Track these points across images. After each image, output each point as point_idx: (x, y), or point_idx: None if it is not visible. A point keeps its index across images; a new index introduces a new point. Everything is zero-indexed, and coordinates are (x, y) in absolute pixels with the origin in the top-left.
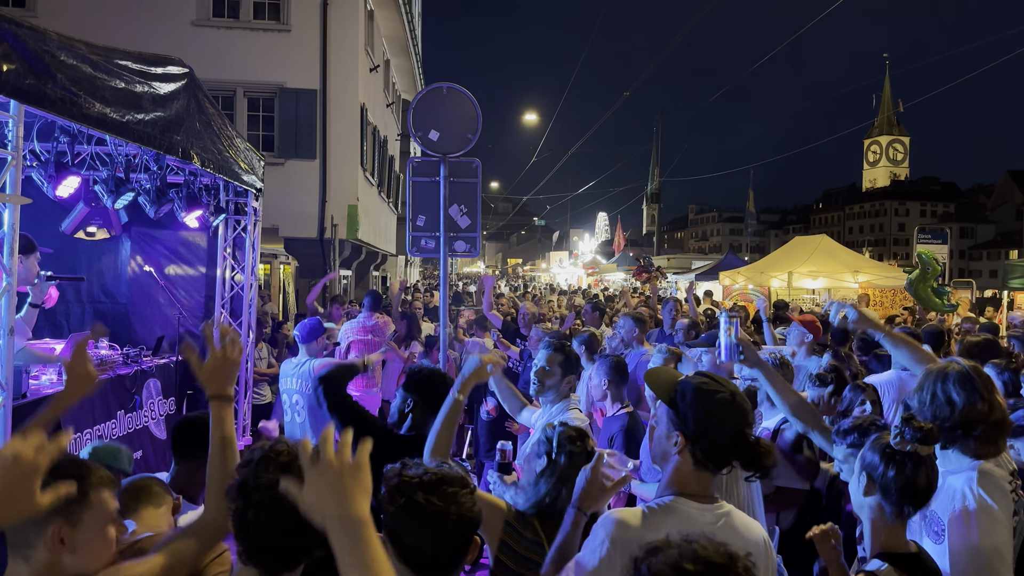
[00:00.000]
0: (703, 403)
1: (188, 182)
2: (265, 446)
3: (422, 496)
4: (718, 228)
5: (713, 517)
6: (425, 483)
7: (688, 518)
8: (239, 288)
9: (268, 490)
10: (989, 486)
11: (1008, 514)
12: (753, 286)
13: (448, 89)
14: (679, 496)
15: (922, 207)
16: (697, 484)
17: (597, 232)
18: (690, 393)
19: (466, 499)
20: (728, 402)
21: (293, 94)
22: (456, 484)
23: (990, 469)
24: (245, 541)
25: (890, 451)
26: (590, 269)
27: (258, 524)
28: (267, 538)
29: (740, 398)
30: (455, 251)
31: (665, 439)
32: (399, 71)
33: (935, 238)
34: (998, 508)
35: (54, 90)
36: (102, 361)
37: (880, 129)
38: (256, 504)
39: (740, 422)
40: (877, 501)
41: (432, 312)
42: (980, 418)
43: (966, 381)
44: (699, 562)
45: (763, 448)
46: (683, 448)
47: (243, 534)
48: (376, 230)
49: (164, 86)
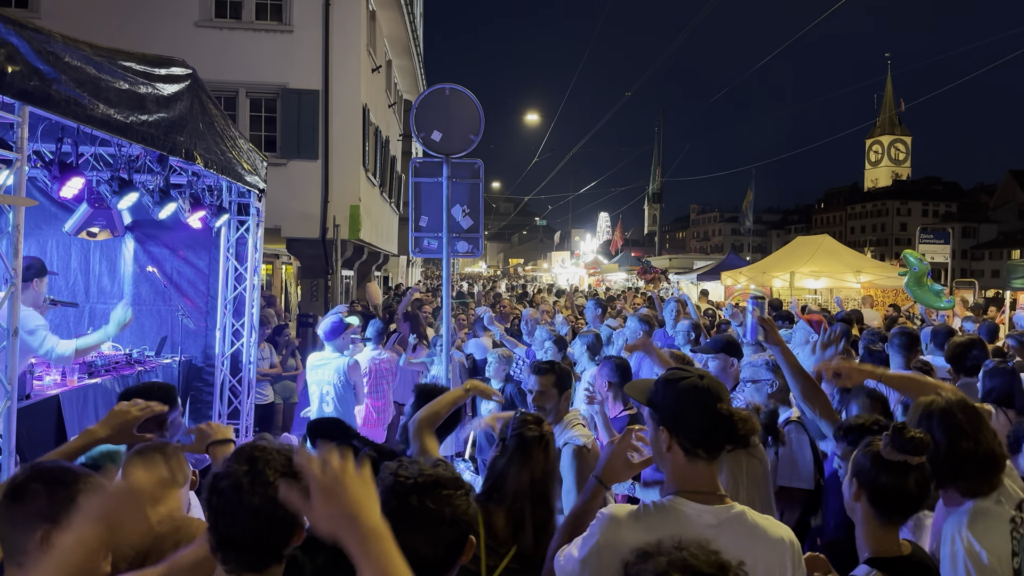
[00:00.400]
0: (672, 391)
1: (191, 183)
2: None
3: (416, 499)
4: (720, 228)
5: (713, 518)
6: (420, 485)
7: (684, 518)
8: (242, 289)
9: (233, 479)
10: (981, 529)
11: (1001, 556)
12: (755, 286)
13: (451, 90)
14: (678, 496)
15: (924, 207)
16: (696, 478)
17: (599, 232)
18: (661, 386)
19: (461, 501)
20: (695, 384)
21: (295, 95)
22: (451, 486)
23: (985, 508)
24: (213, 533)
25: (881, 458)
26: (591, 269)
27: (220, 513)
28: (228, 529)
29: (709, 379)
30: (457, 252)
31: (655, 441)
32: (401, 72)
33: (937, 238)
34: (987, 554)
35: (59, 92)
36: (111, 363)
37: (882, 129)
38: (220, 491)
39: (711, 399)
40: (867, 505)
41: (434, 314)
42: (967, 456)
43: (948, 419)
44: (688, 570)
45: (739, 417)
46: (670, 442)
47: (211, 525)
48: (378, 230)
49: (167, 87)
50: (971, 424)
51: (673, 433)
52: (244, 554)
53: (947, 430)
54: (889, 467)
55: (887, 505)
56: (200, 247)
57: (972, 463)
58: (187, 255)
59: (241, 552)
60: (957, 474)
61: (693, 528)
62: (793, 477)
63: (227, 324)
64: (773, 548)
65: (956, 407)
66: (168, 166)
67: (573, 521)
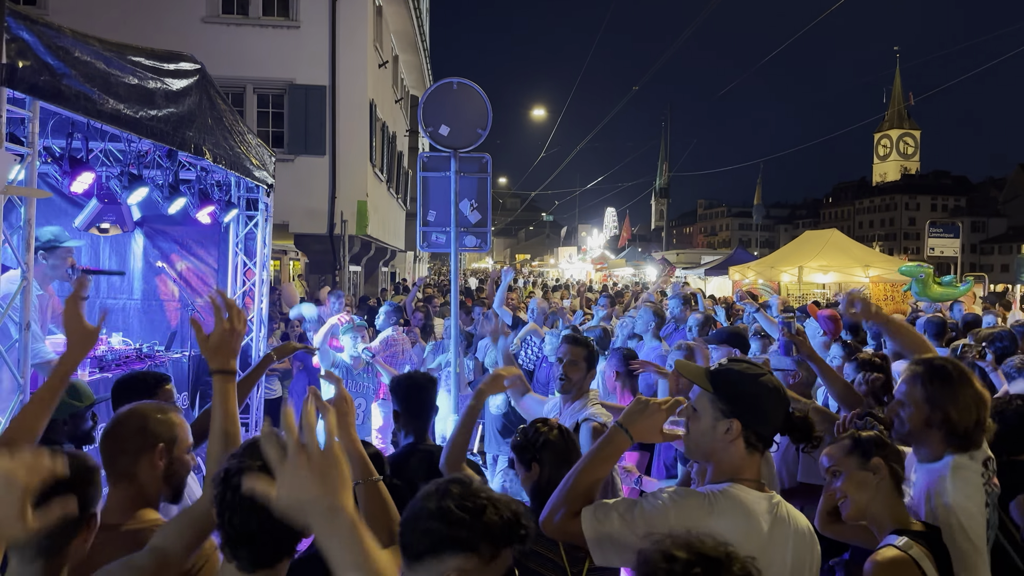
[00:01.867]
0: (752, 386)
1: (200, 178)
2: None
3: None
4: (727, 223)
5: (768, 505)
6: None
7: (748, 505)
8: (251, 284)
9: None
10: (962, 482)
11: (977, 503)
12: (763, 281)
13: (458, 84)
14: (735, 483)
15: (933, 201)
16: (750, 468)
17: (606, 227)
18: (736, 377)
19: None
20: (773, 383)
21: (302, 90)
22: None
23: (963, 463)
24: (224, 529)
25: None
26: (599, 264)
27: (233, 510)
28: (242, 526)
29: (775, 378)
30: (465, 246)
31: (712, 430)
32: (407, 67)
33: (947, 232)
34: (972, 505)
35: (69, 87)
36: (121, 358)
37: (891, 123)
38: (234, 488)
39: (786, 400)
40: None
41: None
42: (957, 414)
43: (948, 378)
44: (692, 551)
45: (813, 421)
46: (737, 434)
47: (222, 521)
48: (385, 226)
49: (176, 82)
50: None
51: (746, 426)
52: (258, 550)
53: (942, 388)
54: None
55: (899, 476)
56: (209, 243)
57: (963, 421)
58: (196, 250)
59: (255, 548)
60: (946, 429)
61: (755, 514)
62: (814, 474)
63: None
64: (804, 537)
65: (951, 366)
66: (177, 161)
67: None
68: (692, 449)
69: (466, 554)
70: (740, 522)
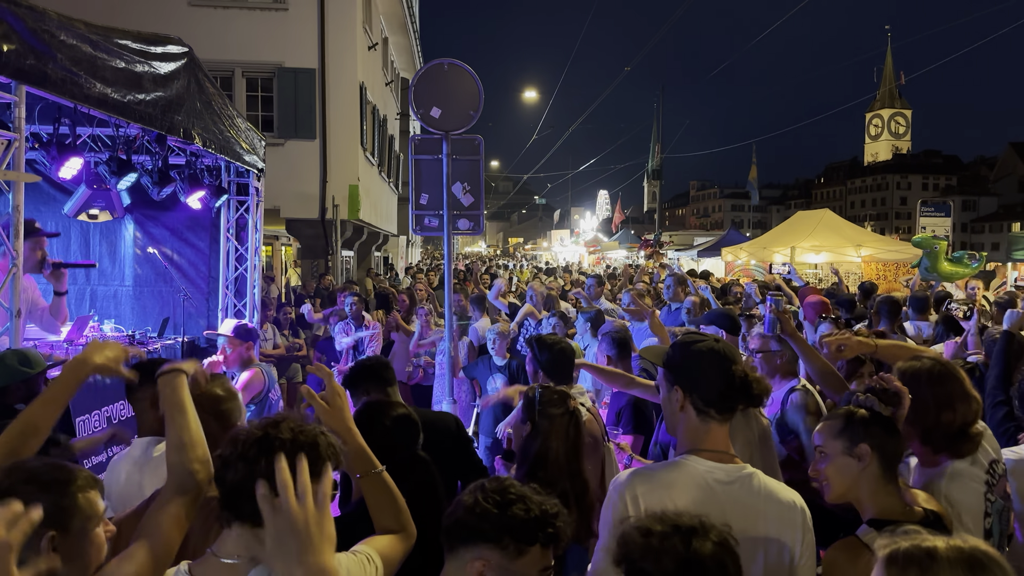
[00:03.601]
0: (689, 352)
1: (190, 163)
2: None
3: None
4: (719, 204)
5: (725, 475)
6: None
7: (695, 473)
8: (243, 269)
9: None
10: (957, 490)
11: (975, 516)
12: (755, 262)
13: (449, 65)
14: (691, 454)
15: (924, 180)
16: (709, 438)
17: (598, 210)
18: (677, 349)
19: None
20: (711, 347)
21: (291, 73)
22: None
23: (961, 470)
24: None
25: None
26: (591, 247)
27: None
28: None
29: (723, 343)
30: (458, 229)
31: (668, 402)
32: (397, 49)
33: (938, 211)
34: (963, 515)
35: (55, 70)
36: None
37: (882, 102)
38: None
39: (726, 360)
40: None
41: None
42: (954, 417)
43: (938, 381)
44: (666, 524)
45: (753, 378)
46: (684, 402)
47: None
48: (377, 210)
49: (164, 66)
50: (959, 387)
51: (687, 392)
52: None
53: (937, 392)
54: (888, 425)
55: (893, 461)
56: (200, 228)
57: (959, 425)
58: (187, 236)
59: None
60: (942, 434)
61: (704, 483)
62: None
63: (229, 305)
64: (784, 510)
65: (942, 369)
66: (166, 146)
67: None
68: (667, 425)
69: (489, 545)
70: (690, 493)
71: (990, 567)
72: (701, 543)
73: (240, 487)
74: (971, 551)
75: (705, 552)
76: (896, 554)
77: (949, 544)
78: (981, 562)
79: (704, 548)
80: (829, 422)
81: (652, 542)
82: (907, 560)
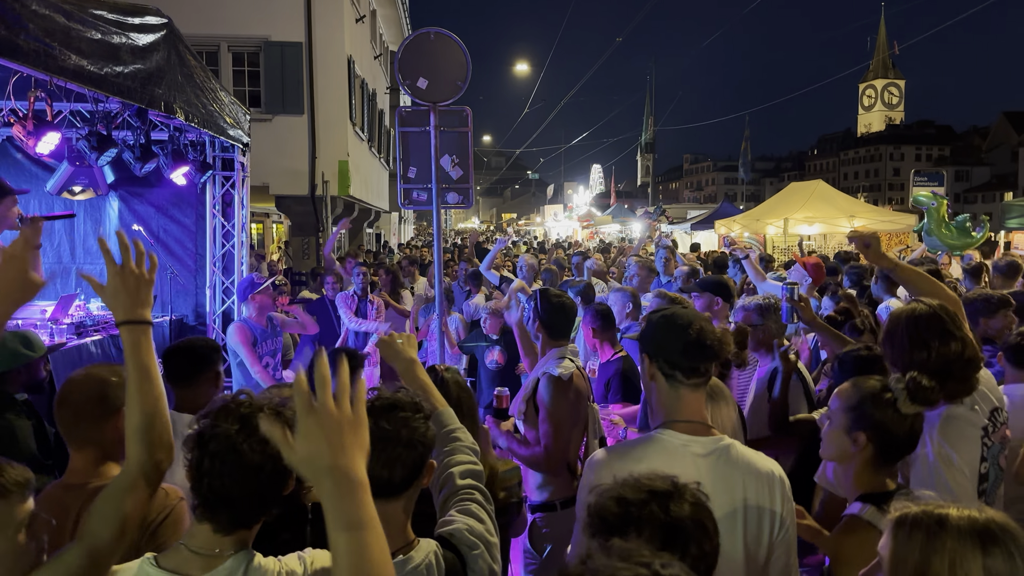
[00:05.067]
0: (651, 321)
1: (173, 138)
2: (227, 396)
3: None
4: (713, 177)
5: (701, 448)
6: (376, 408)
7: (670, 447)
8: (230, 246)
9: (225, 440)
10: (953, 434)
11: (971, 461)
12: (749, 234)
13: (436, 35)
14: (665, 427)
15: (917, 151)
16: (681, 407)
17: (592, 184)
18: (645, 320)
19: (419, 423)
20: (672, 314)
21: (278, 47)
22: (408, 409)
23: (958, 414)
24: (200, 493)
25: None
26: (585, 222)
27: (212, 475)
28: (221, 489)
29: (685, 310)
30: (448, 203)
31: (644, 375)
32: (386, 22)
33: (931, 180)
34: (956, 456)
35: (27, 41)
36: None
37: (875, 72)
38: (212, 454)
39: (683, 323)
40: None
41: (425, 269)
42: (955, 358)
43: (936, 322)
44: (641, 491)
45: (712, 336)
46: (653, 370)
47: (198, 485)
48: (368, 186)
49: (143, 37)
50: (956, 325)
51: (653, 359)
52: (237, 512)
53: (935, 334)
54: (903, 417)
55: (898, 450)
56: (186, 204)
57: (958, 365)
58: (173, 213)
59: (234, 511)
60: (944, 377)
61: (680, 456)
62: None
63: (217, 282)
64: (762, 481)
65: (941, 310)
66: (148, 121)
67: None
68: (648, 400)
69: None
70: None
71: (1003, 540)
72: (679, 506)
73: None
74: (985, 522)
75: (684, 515)
76: (905, 518)
77: (963, 514)
78: (993, 534)
79: (683, 511)
80: (849, 391)
81: (630, 511)
82: (915, 525)
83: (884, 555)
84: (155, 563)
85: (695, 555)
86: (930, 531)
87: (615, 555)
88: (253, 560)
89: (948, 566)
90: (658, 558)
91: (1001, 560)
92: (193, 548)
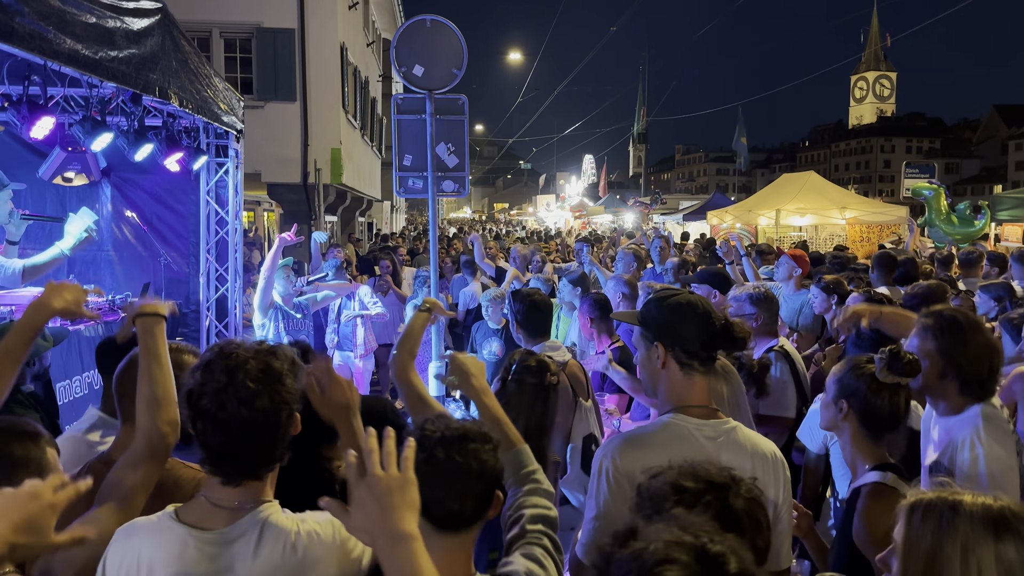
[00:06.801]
0: (665, 306)
1: (167, 124)
2: (216, 347)
3: (443, 452)
4: (705, 168)
5: (713, 432)
6: (447, 439)
7: (687, 433)
8: (224, 233)
9: (214, 396)
10: (996, 431)
11: (1013, 454)
12: (740, 225)
13: (432, 22)
14: (677, 412)
15: (908, 143)
16: (691, 393)
17: (584, 174)
18: (652, 305)
19: (488, 455)
20: (686, 298)
21: (270, 34)
22: (478, 440)
23: (992, 412)
24: (201, 447)
25: (874, 380)
26: (577, 212)
27: (207, 432)
28: (218, 444)
29: (696, 295)
30: (443, 191)
31: (648, 361)
32: (379, 8)
33: (922, 172)
34: (1006, 454)
35: (21, 24)
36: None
37: (867, 65)
38: (202, 410)
39: (703, 310)
40: (856, 425)
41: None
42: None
43: (958, 328)
44: (699, 480)
45: (733, 322)
46: (666, 357)
47: (199, 441)
48: (360, 175)
49: (137, 21)
50: (978, 327)
51: (668, 347)
52: (240, 463)
53: (961, 334)
54: (881, 388)
55: (880, 424)
56: (179, 191)
57: (988, 364)
58: (167, 199)
59: (237, 462)
60: (971, 377)
61: (697, 442)
62: (775, 406)
63: (210, 269)
64: (765, 463)
65: (962, 316)
66: (142, 106)
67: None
68: (645, 388)
69: None
70: (682, 454)
71: (1017, 528)
72: (735, 499)
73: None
74: (999, 510)
75: (740, 508)
76: (919, 504)
77: (977, 500)
78: (1008, 522)
79: (738, 504)
80: (840, 365)
81: (686, 499)
82: (928, 510)
83: (897, 540)
84: (175, 517)
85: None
86: (943, 516)
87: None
88: (270, 517)
89: (960, 552)
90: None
91: (1014, 548)
92: (213, 501)
